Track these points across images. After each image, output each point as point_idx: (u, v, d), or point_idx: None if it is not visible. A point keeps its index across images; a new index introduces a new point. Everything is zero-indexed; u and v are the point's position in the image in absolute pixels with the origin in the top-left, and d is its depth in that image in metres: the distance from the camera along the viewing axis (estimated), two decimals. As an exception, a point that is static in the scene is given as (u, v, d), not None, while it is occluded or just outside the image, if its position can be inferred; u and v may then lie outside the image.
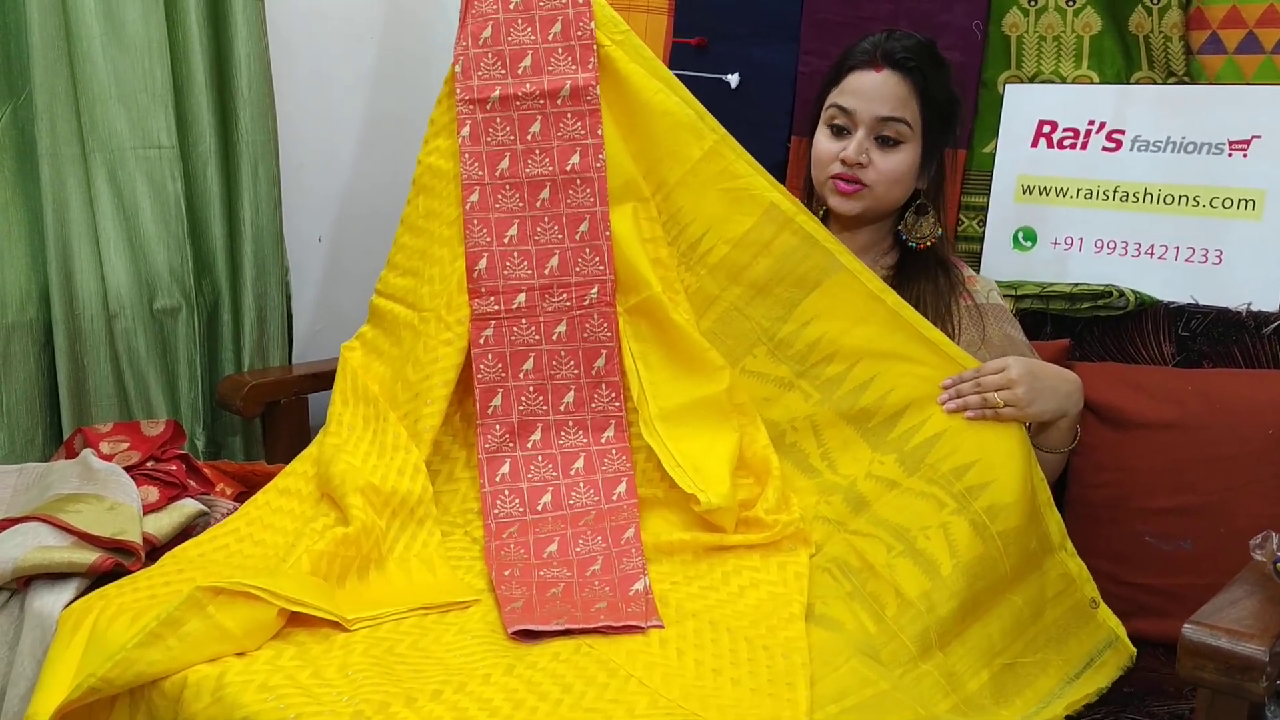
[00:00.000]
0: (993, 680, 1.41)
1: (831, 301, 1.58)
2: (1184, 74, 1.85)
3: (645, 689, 1.24)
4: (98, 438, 1.81)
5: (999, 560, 1.44)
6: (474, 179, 1.65)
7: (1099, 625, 1.51)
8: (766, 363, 1.63)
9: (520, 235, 1.64)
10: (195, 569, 1.48)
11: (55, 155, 1.85)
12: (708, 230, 1.64)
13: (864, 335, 1.57)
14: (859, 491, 1.54)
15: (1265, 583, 1.26)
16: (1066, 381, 1.56)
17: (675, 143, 1.64)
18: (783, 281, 1.61)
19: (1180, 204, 1.84)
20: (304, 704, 1.20)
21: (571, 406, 1.63)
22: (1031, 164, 1.97)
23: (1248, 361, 1.74)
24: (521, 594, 1.45)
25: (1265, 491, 1.62)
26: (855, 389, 1.57)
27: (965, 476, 1.46)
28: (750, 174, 1.63)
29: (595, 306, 1.64)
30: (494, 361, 1.62)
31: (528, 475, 1.61)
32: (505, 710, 1.20)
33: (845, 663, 1.31)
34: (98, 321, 1.92)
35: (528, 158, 1.65)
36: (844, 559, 1.49)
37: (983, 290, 1.73)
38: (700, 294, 1.65)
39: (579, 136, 1.64)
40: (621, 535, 1.54)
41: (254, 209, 2.09)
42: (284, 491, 1.63)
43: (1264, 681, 1.13)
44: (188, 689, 1.25)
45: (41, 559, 1.47)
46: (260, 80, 2.06)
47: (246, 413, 2.05)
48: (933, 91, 1.68)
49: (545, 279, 1.64)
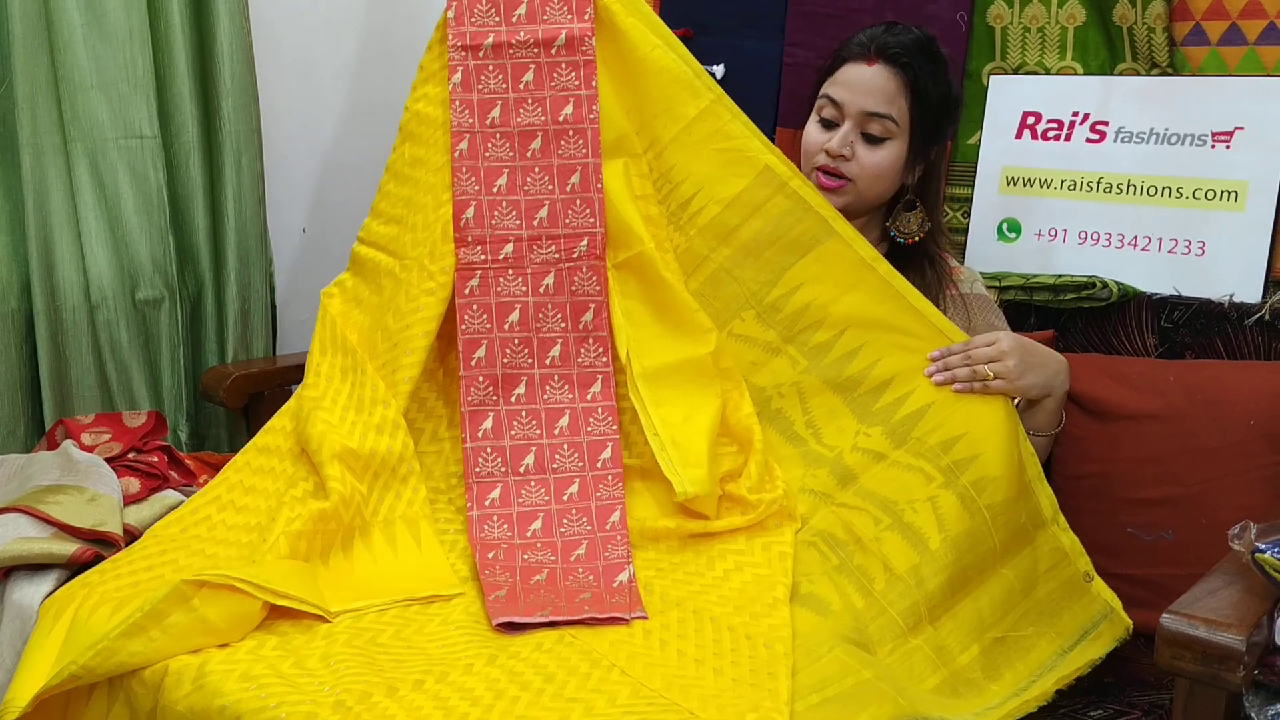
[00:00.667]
0: (983, 654, 1.41)
1: (822, 267, 1.57)
2: (1167, 65, 1.85)
3: (627, 679, 1.24)
4: (79, 429, 1.80)
5: (988, 534, 1.43)
6: (464, 127, 1.63)
7: (1093, 599, 1.50)
8: (755, 327, 1.61)
9: (510, 185, 1.62)
10: (177, 548, 1.47)
11: (36, 145, 1.84)
12: (699, 190, 1.62)
13: (853, 303, 1.55)
14: (846, 464, 1.53)
15: (1244, 573, 1.26)
16: (1055, 360, 1.56)
17: (670, 100, 1.62)
18: (773, 245, 1.59)
19: (1163, 195, 1.84)
20: (286, 693, 1.20)
21: (557, 360, 1.60)
22: (1016, 155, 1.97)
23: (1230, 352, 1.74)
24: (505, 581, 1.44)
25: (1247, 482, 1.63)
26: (842, 357, 1.56)
27: (952, 450, 1.46)
28: (746, 136, 1.61)
29: (584, 259, 1.61)
30: (479, 313, 1.60)
31: (510, 432, 1.58)
32: (487, 700, 1.19)
33: (829, 652, 1.31)
34: (80, 312, 1.91)
35: (520, 107, 1.63)
36: (830, 532, 1.49)
37: (967, 281, 1.73)
38: (689, 254, 1.63)
39: (573, 87, 1.62)
40: (607, 519, 1.53)
41: (237, 199, 2.08)
42: (263, 450, 1.60)
43: (1241, 671, 1.14)
44: (168, 677, 1.25)
45: (21, 550, 1.47)
46: (243, 69, 2.05)
47: (230, 404, 2.04)
48: (925, 88, 1.66)
49: (534, 230, 1.61)
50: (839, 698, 1.22)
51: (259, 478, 1.56)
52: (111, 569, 1.43)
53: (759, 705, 1.18)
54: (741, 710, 1.17)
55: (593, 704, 1.19)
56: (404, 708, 1.18)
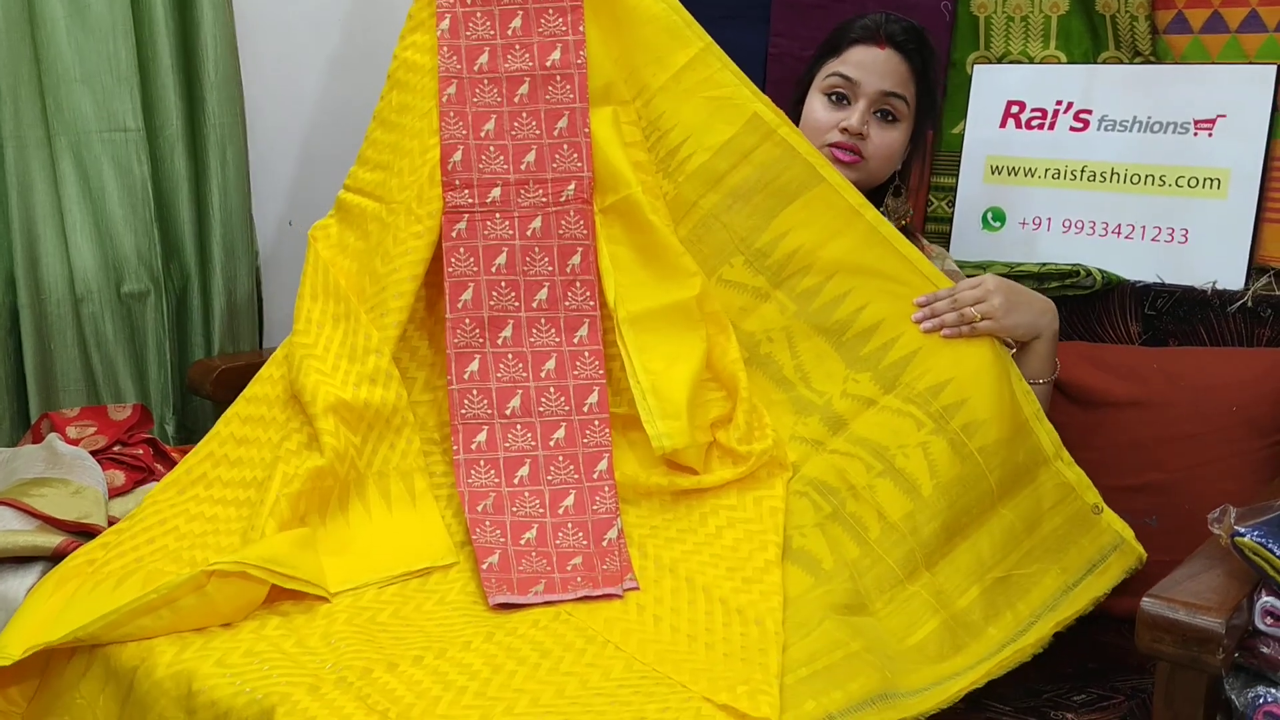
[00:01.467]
0: (983, 595, 1.42)
1: (810, 213, 1.57)
2: (1150, 54, 1.86)
3: (621, 654, 1.27)
4: (64, 422, 1.80)
5: (981, 477, 1.44)
6: (452, 72, 1.63)
7: (1103, 530, 1.49)
8: (744, 272, 1.61)
9: (497, 130, 1.62)
10: (176, 514, 1.48)
11: (19, 138, 1.83)
12: (688, 137, 1.62)
13: (841, 248, 1.56)
14: (836, 410, 1.54)
15: (1224, 557, 1.27)
16: (1040, 300, 1.57)
17: (659, 48, 1.63)
18: (762, 191, 1.59)
19: (1146, 183, 1.85)
20: (288, 669, 1.22)
21: (544, 304, 1.60)
22: (1000, 144, 1.97)
23: (1213, 340, 1.75)
24: (497, 541, 1.45)
25: (1229, 469, 1.64)
26: (830, 302, 1.56)
27: (940, 396, 1.47)
28: (735, 84, 1.61)
29: (571, 203, 1.61)
30: (465, 255, 1.59)
31: (497, 374, 1.58)
32: (484, 674, 1.22)
33: (819, 625, 1.32)
34: (64, 306, 1.90)
35: (507, 53, 1.63)
36: (823, 480, 1.50)
37: (938, 259, 1.75)
38: (678, 201, 1.63)
39: (560, 33, 1.62)
40: (594, 467, 1.53)
41: (222, 192, 2.07)
42: (253, 399, 1.60)
43: (1221, 654, 1.14)
44: (155, 650, 1.27)
45: (5, 543, 1.46)
46: (227, 62, 2.04)
47: (217, 397, 2.03)
48: (926, 75, 1.71)
49: (521, 174, 1.61)
50: (827, 670, 1.24)
51: (250, 427, 1.56)
52: (115, 542, 1.44)
53: (750, 678, 1.20)
54: (732, 683, 1.19)
55: (587, 678, 1.22)
56: (404, 682, 1.20)
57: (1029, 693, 1.45)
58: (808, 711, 1.17)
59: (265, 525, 1.39)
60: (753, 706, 1.15)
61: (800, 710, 1.17)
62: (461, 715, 1.16)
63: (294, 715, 1.14)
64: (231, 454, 1.54)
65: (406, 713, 1.15)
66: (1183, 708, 1.20)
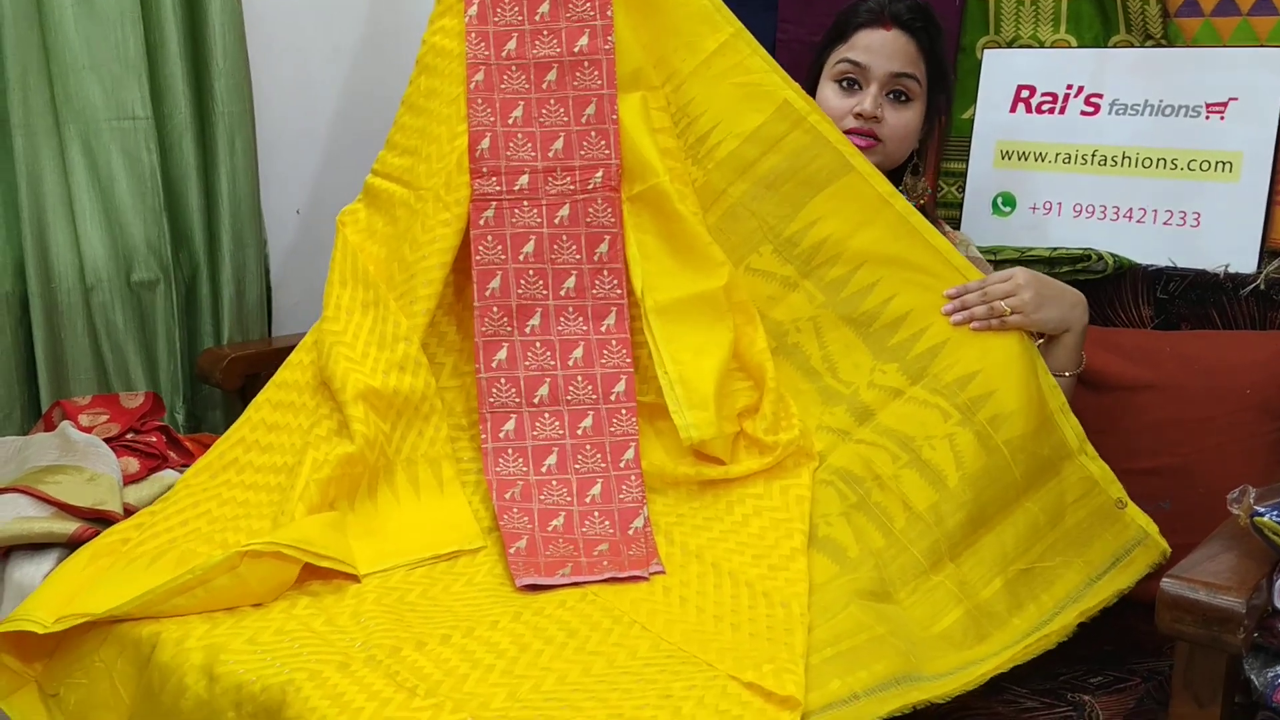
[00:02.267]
0: (1006, 586, 1.42)
1: (840, 202, 1.57)
2: (1161, 37, 1.85)
3: (647, 634, 1.28)
4: (76, 410, 1.80)
5: (1007, 469, 1.44)
6: (479, 58, 1.62)
7: (1127, 524, 1.48)
8: (772, 261, 1.61)
9: (525, 117, 1.61)
10: (209, 497, 1.50)
11: (29, 127, 1.83)
12: (717, 124, 1.62)
13: (870, 238, 1.55)
14: (863, 400, 1.54)
15: (1242, 537, 1.27)
16: (1071, 293, 1.56)
17: (689, 33, 1.62)
18: (791, 179, 1.59)
19: (1158, 167, 1.85)
20: (317, 647, 1.24)
21: (572, 292, 1.60)
22: (1010, 129, 1.97)
23: (1225, 323, 1.75)
24: (525, 527, 1.46)
25: (1243, 451, 1.64)
26: (858, 292, 1.56)
27: (968, 388, 1.47)
28: (765, 70, 1.61)
29: (599, 191, 1.60)
30: (493, 243, 1.59)
31: (525, 363, 1.58)
32: (512, 653, 1.24)
33: (844, 609, 1.33)
34: (75, 294, 1.90)
35: (535, 38, 1.62)
36: (849, 469, 1.50)
37: (962, 245, 1.74)
38: (707, 188, 1.63)
39: (588, 17, 1.61)
40: (620, 456, 1.53)
41: (231, 180, 2.07)
42: (283, 385, 1.61)
43: (1241, 633, 1.14)
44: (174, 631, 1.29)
45: (21, 529, 1.47)
46: (235, 50, 2.04)
47: (226, 385, 2.04)
48: (936, 52, 1.71)
49: (549, 161, 1.61)
50: (852, 651, 1.25)
51: (281, 413, 1.57)
52: (148, 523, 1.46)
53: (775, 657, 1.21)
54: (758, 661, 1.20)
55: (614, 657, 1.23)
56: (432, 660, 1.22)
57: (1046, 675, 1.45)
58: (833, 690, 1.18)
59: (295, 509, 1.40)
60: (778, 685, 1.16)
61: (825, 689, 1.18)
62: (489, 692, 1.17)
63: (324, 690, 1.16)
64: (263, 439, 1.55)
65: (435, 689, 1.17)
66: (1202, 688, 1.20)
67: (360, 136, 2.38)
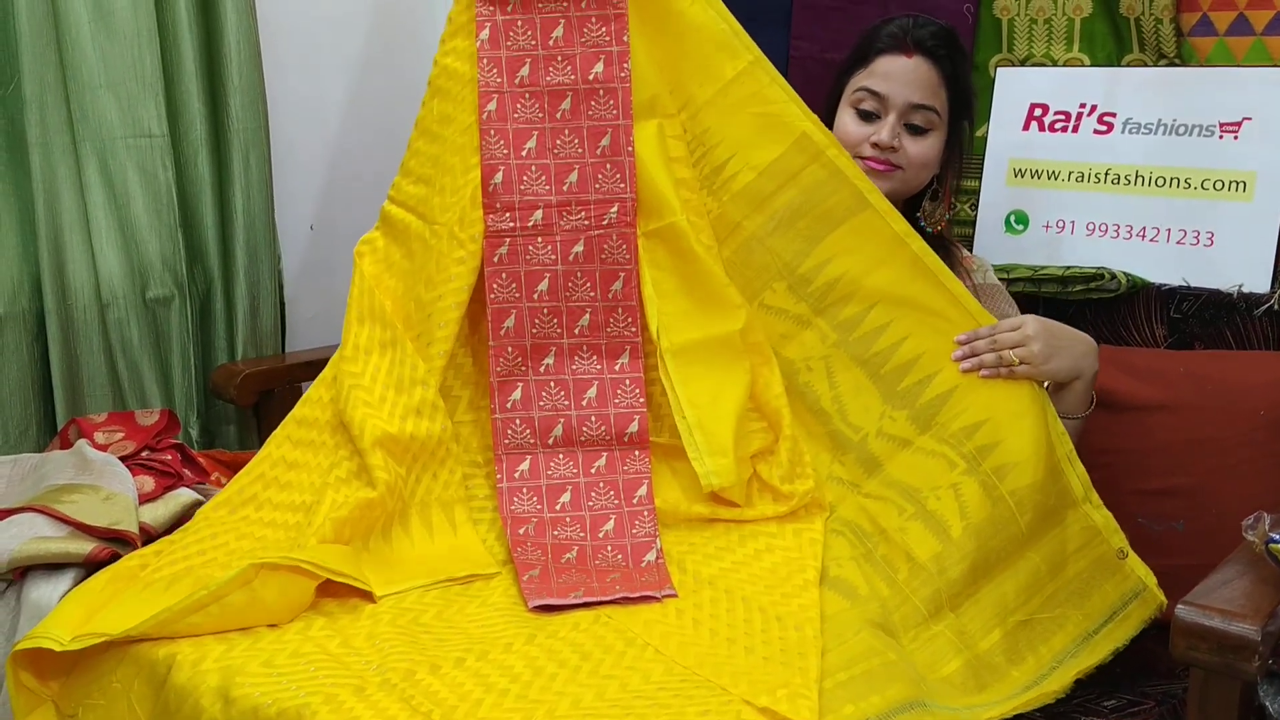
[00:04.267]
0: (1005, 638, 1.41)
1: (855, 239, 1.55)
2: (1175, 56, 1.85)
3: (661, 657, 1.28)
4: (92, 428, 1.81)
5: (1012, 519, 1.43)
6: (492, 86, 1.59)
7: (1127, 575, 1.48)
8: (786, 298, 1.59)
9: (539, 148, 1.59)
10: (227, 531, 1.50)
11: (45, 144, 1.84)
12: (734, 155, 1.59)
13: (885, 278, 1.53)
14: (871, 451, 1.53)
15: (1257, 563, 1.27)
16: (1082, 341, 1.54)
17: (707, 59, 1.59)
18: (807, 215, 1.56)
19: (1171, 186, 1.84)
20: (332, 669, 1.24)
21: (586, 330, 1.58)
22: (1023, 147, 1.97)
23: (1239, 343, 1.75)
24: (538, 559, 1.46)
25: (1256, 472, 1.63)
26: (870, 332, 1.54)
27: (974, 436, 1.46)
28: (784, 100, 1.57)
29: (614, 227, 1.58)
30: (508, 281, 1.57)
31: (539, 403, 1.58)
32: (526, 676, 1.23)
33: (855, 635, 1.33)
34: (90, 311, 1.91)
35: (549, 65, 1.58)
36: (857, 522, 1.50)
37: (979, 271, 1.74)
38: (722, 220, 1.60)
39: (604, 43, 1.58)
40: (634, 494, 1.53)
41: (245, 197, 2.08)
42: (302, 421, 1.61)
43: (1256, 661, 1.14)
44: (189, 652, 1.29)
45: (37, 549, 1.47)
46: (250, 67, 2.05)
47: (241, 401, 2.05)
48: (959, 79, 1.68)
49: (563, 195, 1.58)
50: (865, 675, 1.25)
51: (300, 451, 1.57)
52: (167, 550, 1.46)
53: (789, 682, 1.21)
54: (772, 686, 1.20)
55: (627, 680, 1.23)
56: (446, 684, 1.22)
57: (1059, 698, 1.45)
58: (846, 715, 1.18)
59: (309, 542, 1.41)
60: (793, 710, 1.16)
61: (839, 714, 1.18)
62: (504, 718, 1.17)
63: (338, 715, 1.16)
64: (282, 477, 1.55)
65: (449, 715, 1.17)
66: (1217, 714, 1.19)
67: (373, 153, 2.39)
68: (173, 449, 1.79)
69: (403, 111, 2.47)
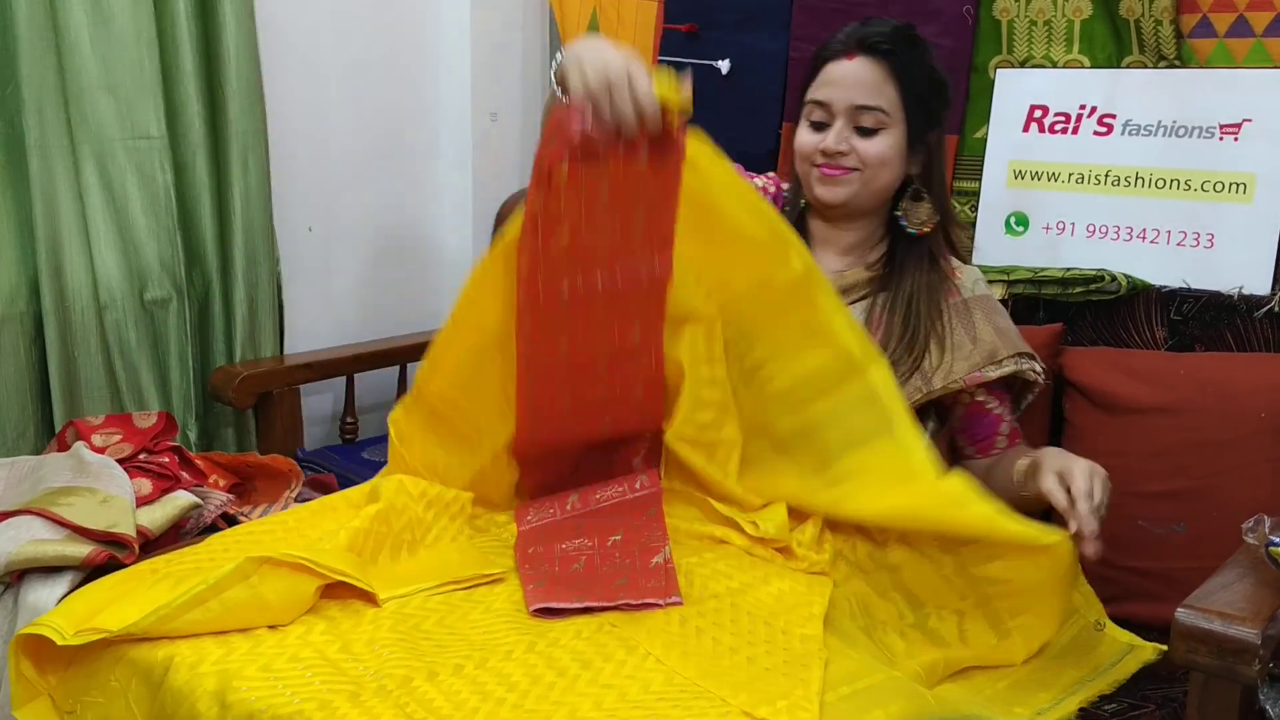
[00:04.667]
0: (1009, 688, 1.43)
1: (874, 460, 1.49)
2: (1175, 58, 1.85)
3: (662, 666, 1.26)
4: (90, 430, 1.81)
5: (1015, 649, 1.44)
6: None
7: (1111, 642, 1.50)
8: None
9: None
10: (242, 548, 1.49)
11: (44, 147, 1.85)
12: (774, 356, 1.54)
13: (894, 505, 1.48)
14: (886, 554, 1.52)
15: (1257, 566, 1.26)
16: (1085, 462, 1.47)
17: (757, 262, 1.52)
18: (834, 427, 1.51)
19: (1171, 188, 1.84)
20: (329, 675, 1.23)
21: (623, 587, 1.48)
22: (1023, 149, 1.97)
23: (1239, 345, 1.74)
24: (545, 571, 1.46)
25: (1257, 475, 1.63)
26: (884, 566, 1.52)
27: (995, 584, 1.44)
28: (830, 311, 1.50)
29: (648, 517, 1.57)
30: (539, 561, 1.52)
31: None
32: (523, 685, 1.22)
33: (858, 654, 1.33)
34: (88, 313, 1.91)
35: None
36: (863, 601, 1.49)
37: (968, 283, 1.67)
38: (755, 418, 1.56)
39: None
40: (645, 511, 1.53)
41: (244, 199, 2.08)
42: (323, 503, 1.62)
43: (1256, 664, 1.14)
44: (185, 653, 1.28)
45: (35, 552, 1.47)
46: (249, 70, 2.05)
47: (239, 404, 2.05)
48: (911, 74, 1.62)
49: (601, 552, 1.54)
50: (868, 690, 1.24)
51: (321, 516, 1.58)
52: (177, 557, 1.46)
53: (790, 693, 1.20)
54: (772, 697, 1.19)
55: (626, 690, 1.22)
56: (442, 692, 1.21)
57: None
58: None
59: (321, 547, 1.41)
60: None
61: None
62: None
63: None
64: (304, 524, 1.55)
65: None
66: (1217, 718, 1.19)
67: (370, 155, 2.39)
68: (171, 451, 1.78)
69: (401, 113, 2.49)
